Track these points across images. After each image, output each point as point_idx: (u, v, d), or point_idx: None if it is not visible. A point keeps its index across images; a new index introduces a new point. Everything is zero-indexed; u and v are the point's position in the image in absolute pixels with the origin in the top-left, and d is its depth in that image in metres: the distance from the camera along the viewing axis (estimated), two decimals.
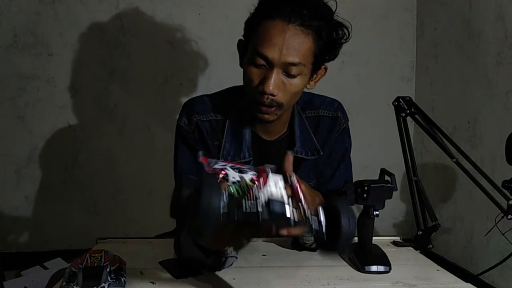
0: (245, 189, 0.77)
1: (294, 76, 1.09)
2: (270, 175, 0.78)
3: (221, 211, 0.70)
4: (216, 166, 0.85)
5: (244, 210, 0.73)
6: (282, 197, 0.75)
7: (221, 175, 0.84)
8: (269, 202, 0.73)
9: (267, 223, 0.74)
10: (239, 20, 1.19)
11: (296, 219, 0.75)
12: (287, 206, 0.74)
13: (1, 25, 2.32)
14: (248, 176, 0.83)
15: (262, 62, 1.07)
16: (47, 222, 2.43)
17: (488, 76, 2.12)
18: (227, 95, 1.26)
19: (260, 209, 0.73)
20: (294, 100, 1.16)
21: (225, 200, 0.71)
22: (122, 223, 2.47)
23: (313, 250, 1.13)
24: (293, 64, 1.07)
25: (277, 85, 1.08)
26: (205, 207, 0.69)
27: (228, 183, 0.80)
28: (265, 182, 0.77)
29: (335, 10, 1.13)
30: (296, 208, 0.76)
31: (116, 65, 2.43)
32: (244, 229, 0.81)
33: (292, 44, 1.05)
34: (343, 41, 1.14)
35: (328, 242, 0.78)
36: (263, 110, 1.11)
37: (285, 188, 0.77)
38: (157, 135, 2.47)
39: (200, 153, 0.86)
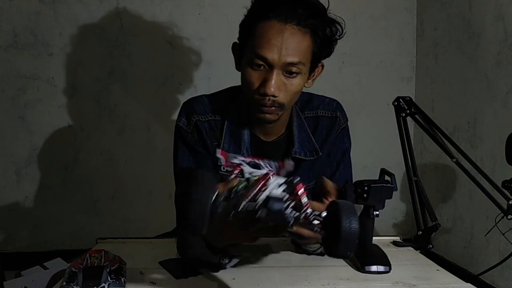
0: (248, 187, 0.78)
1: (294, 76, 1.08)
2: (273, 176, 0.79)
3: (209, 209, 0.72)
4: (235, 161, 0.85)
5: (240, 208, 0.74)
6: (281, 196, 0.75)
7: (236, 171, 0.84)
8: (268, 199, 0.74)
9: (265, 221, 0.74)
10: (239, 20, 1.19)
11: (295, 218, 0.75)
12: (285, 204, 0.74)
13: (1, 25, 2.32)
14: (261, 172, 0.83)
15: (261, 63, 1.07)
16: (47, 222, 2.44)
17: (488, 76, 2.11)
18: (226, 96, 1.26)
19: (257, 207, 0.74)
20: (294, 100, 1.16)
21: (219, 199, 0.73)
22: (122, 223, 2.47)
23: (321, 255, 1.12)
24: (293, 64, 1.07)
25: (278, 86, 1.07)
26: (196, 206, 0.71)
27: (242, 179, 0.82)
28: (266, 181, 0.77)
29: (328, 7, 1.13)
30: (297, 209, 0.76)
31: (116, 65, 2.43)
32: (249, 227, 0.82)
33: (291, 44, 1.05)
34: (337, 37, 1.14)
35: (330, 245, 0.76)
36: (264, 110, 1.11)
37: (288, 188, 0.77)
38: (157, 135, 2.47)
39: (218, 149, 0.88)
